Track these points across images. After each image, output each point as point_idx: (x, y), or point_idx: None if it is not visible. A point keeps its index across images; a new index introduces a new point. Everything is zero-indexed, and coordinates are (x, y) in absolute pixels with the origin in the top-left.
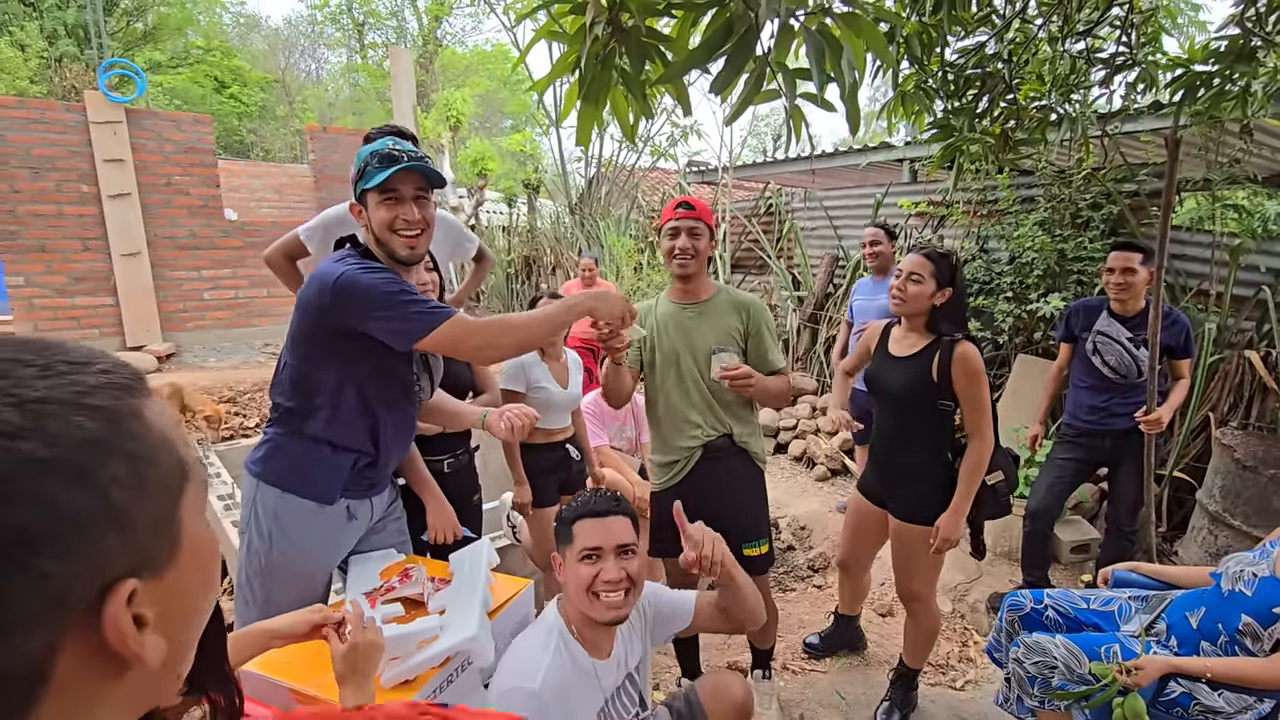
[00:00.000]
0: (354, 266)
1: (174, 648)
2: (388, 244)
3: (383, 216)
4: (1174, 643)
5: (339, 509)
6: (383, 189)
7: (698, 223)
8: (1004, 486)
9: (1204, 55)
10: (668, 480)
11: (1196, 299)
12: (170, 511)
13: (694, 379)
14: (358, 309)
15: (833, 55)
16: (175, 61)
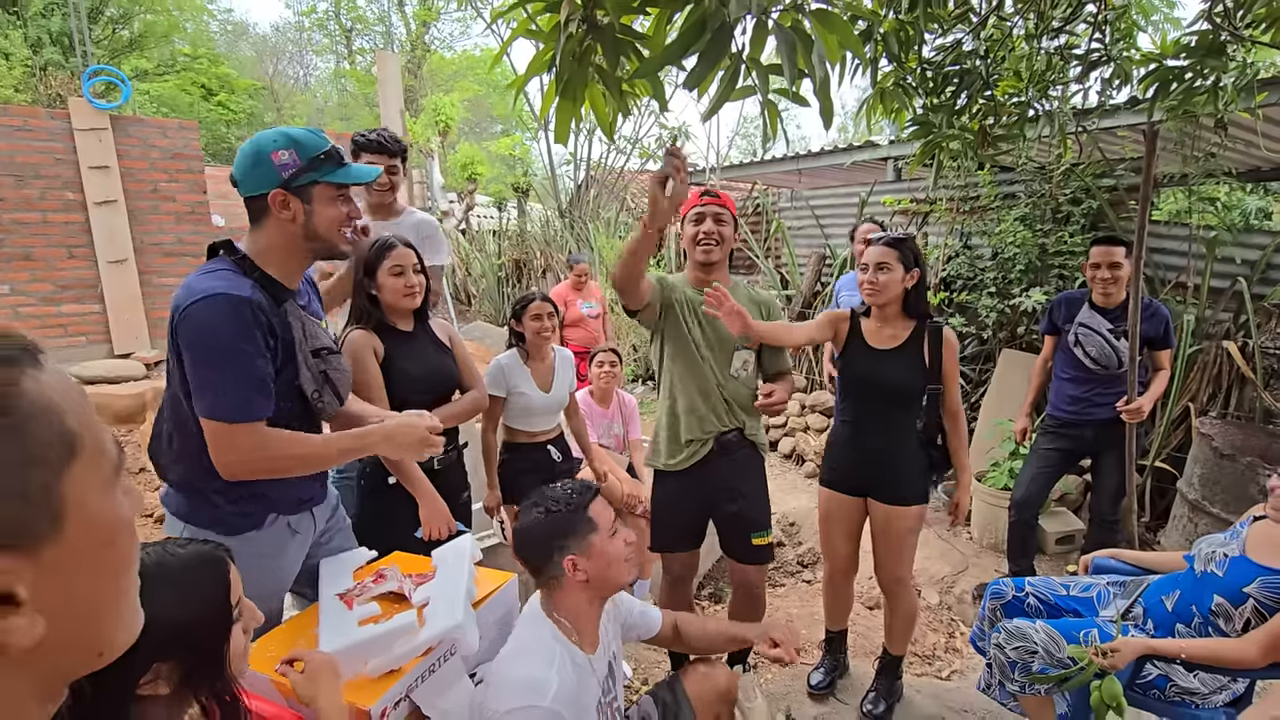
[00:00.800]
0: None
1: (65, 627)
2: (331, 240)
3: (336, 214)
4: (1150, 626)
5: (276, 528)
6: (339, 186)
7: (723, 209)
8: None
9: (1175, 50)
10: (676, 463)
11: (1175, 291)
12: (48, 485)
13: (712, 371)
14: (186, 346)
15: (804, 50)
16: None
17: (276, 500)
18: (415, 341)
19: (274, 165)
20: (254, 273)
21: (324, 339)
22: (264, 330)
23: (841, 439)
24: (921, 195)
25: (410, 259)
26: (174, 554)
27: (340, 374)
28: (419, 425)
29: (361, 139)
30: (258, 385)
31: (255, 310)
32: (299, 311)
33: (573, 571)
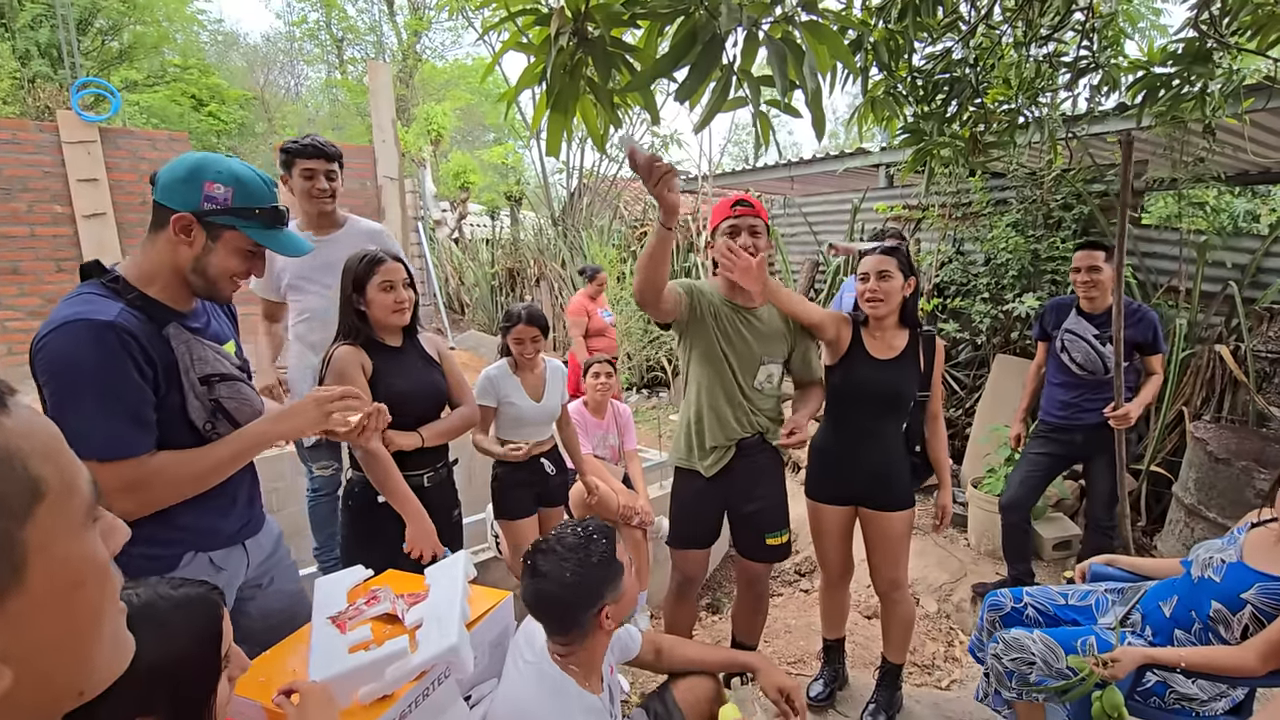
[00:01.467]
0: (74, 323)
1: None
2: (218, 287)
3: (236, 267)
4: (1149, 633)
5: (196, 567)
6: (253, 241)
7: (758, 220)
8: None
9: (1162, 57)
10: (705, 467)
11: (1167, 295)
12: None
13: (739, 380)
14: (44, 381)
15: (795, 62)
16: (152, 80)
17: (193, 535)
18: (404, 357)
19: (202, 192)
20: (129, 294)
21: (217, 364)
22: (136, 357)
23: (830, 448)
24: (914, 202)
25: (400, 274)
26: (164, 596)
27: (241, 403)
28: (310, 396)
29: (295, 146)
30: (132, 417)
31: (121, 335)
32: (185, 335)
33: (605, 621)
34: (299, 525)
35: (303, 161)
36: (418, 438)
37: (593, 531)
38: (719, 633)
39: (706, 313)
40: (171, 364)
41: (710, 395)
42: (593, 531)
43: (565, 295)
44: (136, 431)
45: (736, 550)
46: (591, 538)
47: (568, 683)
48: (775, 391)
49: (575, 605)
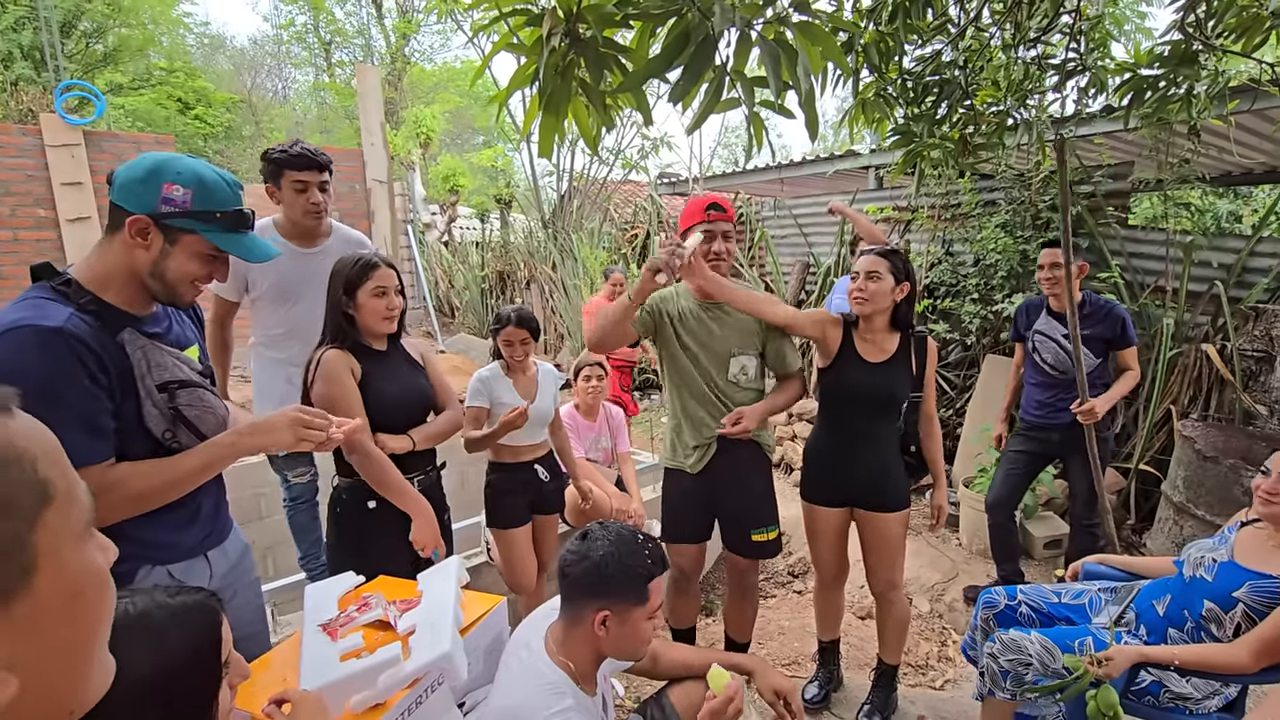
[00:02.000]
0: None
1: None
2: (178, 292)
3: (196, 271)
4: (1143, 631)
5: (155, 578)
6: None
7: (729, 224)
8: None
9: (1149, 60)
10: (689, 465)
11: (1154, 295)
12: (19, 535)
13: (710, 379)
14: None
15: (788, 62)
16: (137, 83)
17: (149, 548)
18: (390, 361)
19: (159, 193)
20: (81, 298)
21: (177, 371)
22: (87, 363)
23: (824, 450)
24: (903, 203)
25: (393, 280)
26: (161, 605)
27: (203, 410)
28: (283, 413)
29: (283, 155)
30: (86, 426)
31: (70, 341)
32: (141, 341)
33: (597, 625)
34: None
35: (293, 173)
36: (408, 440)
37: (649, 548)
38: (713, 635)
39: (667, 321)
40: (127, 370)
41: (685, 395)
42: (649, 548)
43: (556, 298)
44: (91, 440)
45: (725, 546)
46: (643, 549)
47: (561, 679)
48: (753, 384)
49: (585, 585)
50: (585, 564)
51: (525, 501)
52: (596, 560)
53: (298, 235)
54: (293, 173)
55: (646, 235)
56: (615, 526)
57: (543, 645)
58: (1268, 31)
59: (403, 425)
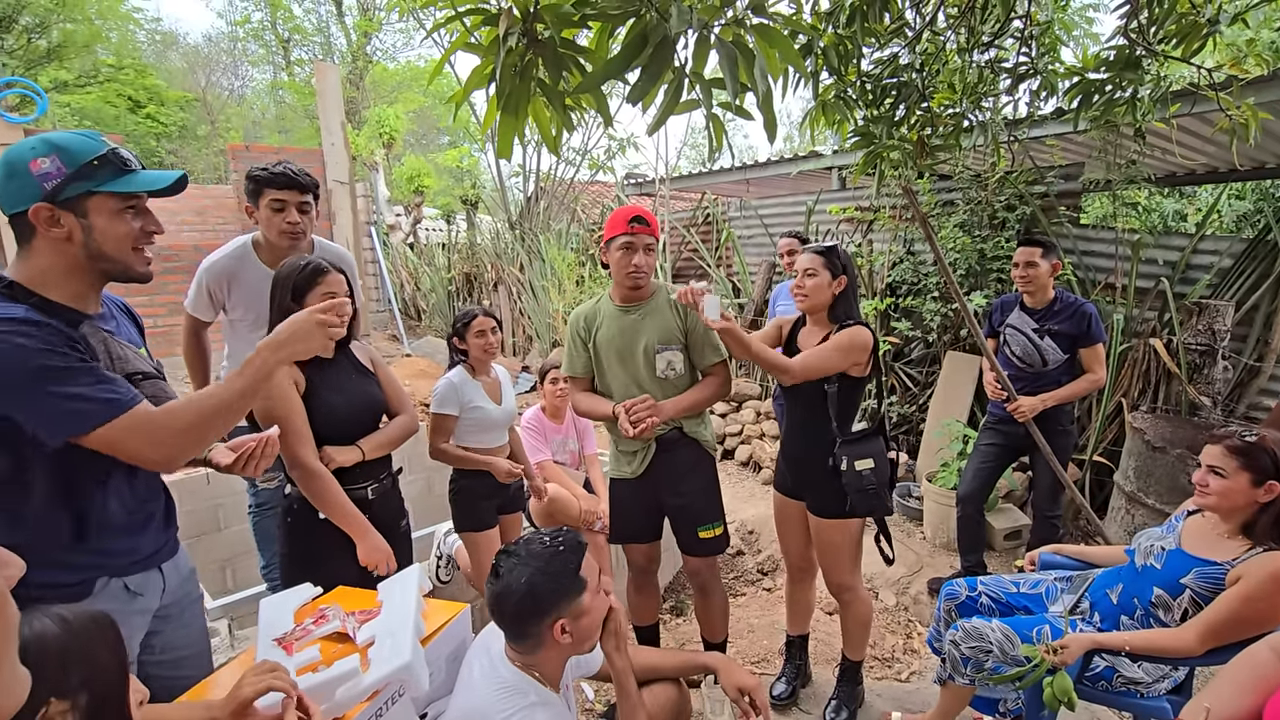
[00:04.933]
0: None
1: None
2: (124, 261)
3: (126, 230)
4: (1097, 619)
5: (109, 593)
6: (126, 196)
7: (651, 238)
8: (872, 476)
9: (1096, 64)
10: (634, 470)
11: (1104, 292)
12: None
13: (639, 379)
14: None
15: (746, 65)
16: (84, 80)
17: (107, 556)
18: (337, 369)
19: (33, 176)
20: (29, 299)
21: (137, 363)
22: (68, 341)
23: (783, 443)
24: (866, 203)
25: (343, 287)
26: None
27: (164, 400)
28: (305, 316)
29: (263, 174)
30: (103, 381)
31: (41, 325)
32: (101, 334)
33: (559, 636)
34: (249, 543)
35: (272, 191)
36: (357, 452)
37: (561, 544)
38: (683, 635)
39: (591, 341)
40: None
41: (614, 399)
42: (561, 544)
43: (524, 300)
44: (117, 388)
45: (678, 545)
46: (558, 550)
47: (526, 682)
48: (684, 378)
49: (529, 614)
50: (515, 596)
51: (492, 504)
52: (523, 588)
53: (275, 258)
54: (272, 191)
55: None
56: (520, 546)
57: (503, 651)
58: (1205, 37)
59: (352, 436)
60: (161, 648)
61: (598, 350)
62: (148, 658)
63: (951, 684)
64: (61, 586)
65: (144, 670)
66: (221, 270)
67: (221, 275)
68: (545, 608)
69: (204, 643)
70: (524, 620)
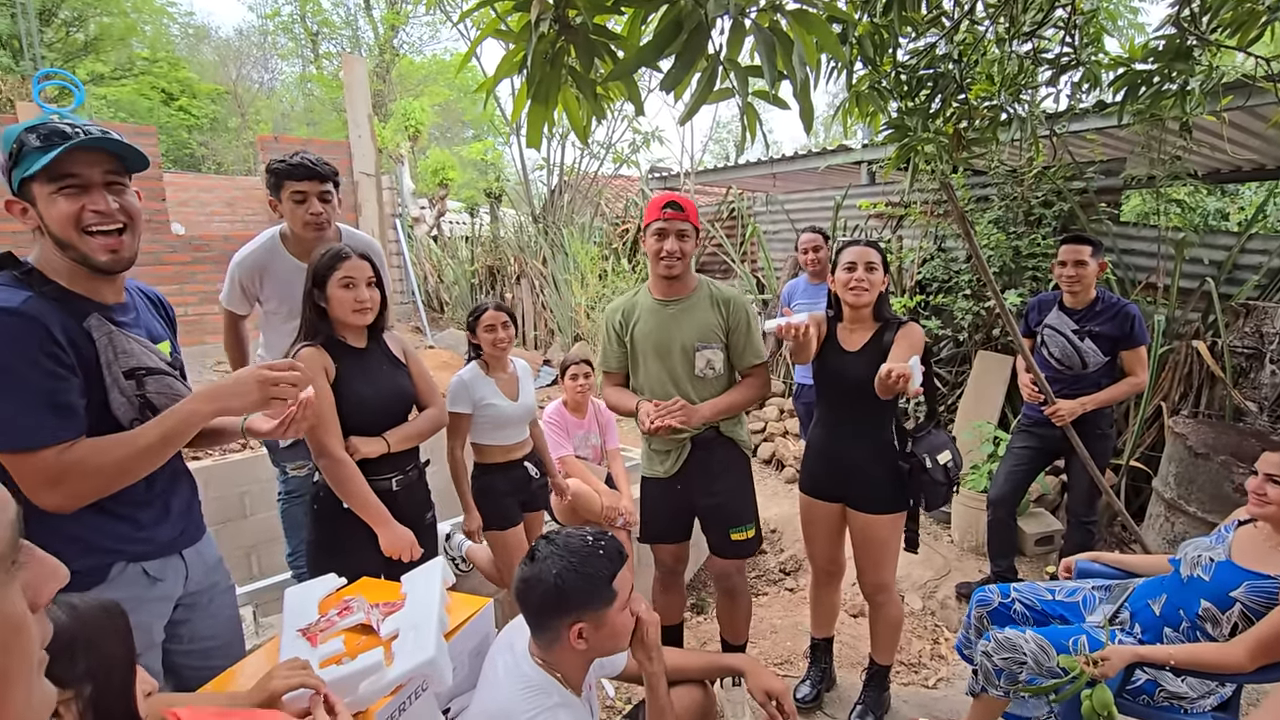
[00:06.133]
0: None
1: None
2: (78, 248)
3: (63, 211)
4: (1138, 630)
5: (128, 578)
6: (55, 174)
7: (686, 224)
8: (954, 466)
9: (1143, 54)
10: (666, 469)
11: (1145, 292)
12: None
13: (676, 376)
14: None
15: (784, 51)
16: (119, 73)
17: (121, 541)
18: (368, 359)
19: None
20: (44, 286)
21: (144, 358)
22: (46, 344)
23: (816, 441)
24: (895, 198)
25: (364, 272)
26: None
27: (171, 398)
28: (249, 372)
29: (282, 165)
30: (47, 404)
31: (24, 320)
32: (108, 328)
33: (575, 639)
34: (274, 531)
35: (292, 183)
36: (383, 443)
37: (602, 547)
38: (704, 633)
39: (627, 335)
40: (92, 358)
41: (652, 397)
42: (602, 547)
43: (547, 293)
44: (54, 418)
45: (709, 547)
46: (597, 552)
47: (549, 682)
48: (722, 377)
49: (551, 608)
50: (542, 586)
51: (516, 501)
52: (552, 579)
53: (303, 250)
54: (292, 183)
55: (638, 230)
56: (561, 537)
57: (527, 649)
58: (1264, 26)
59: (381, 427)
60: (189, 637)
61: (634, 345)
62: (174, 646)
63: (984, 696)
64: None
65: (172, 659)
66: (252, 264)
67: (253, 269)
68: (568, 606)
69: (235, 633)
70: (545, 613)
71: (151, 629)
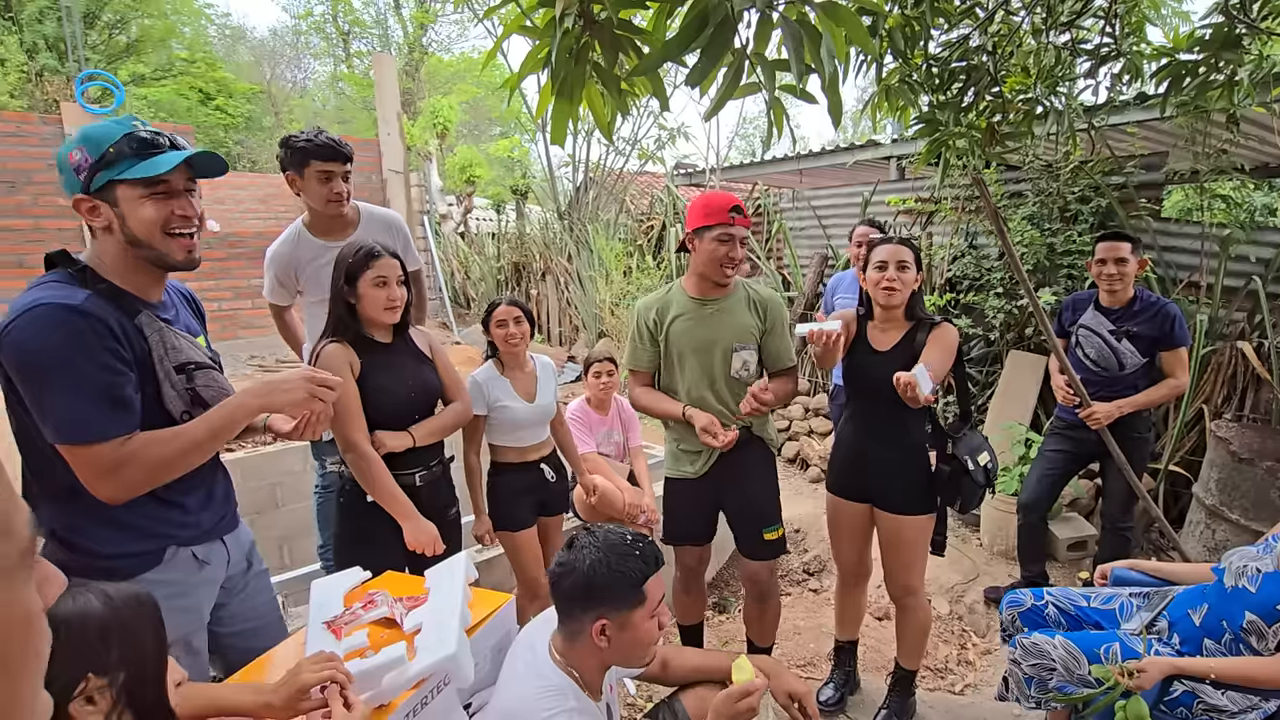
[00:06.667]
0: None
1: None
2: (157, 248)
3: (151, 215)
4: (1176, 641)
5: (179, 561)
6: (149, 180)
7: (746, 231)
8: (992, 467)
9: (1189, 44)
10: (696, 470)
11: (1187, 291)
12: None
13: (711, 375)
14: (15, 370)
15: (812, 45)
16: (159, 73)
17: (174, 527)
18: (394, 354)
19: (71, 169)
20: (98, 284)
21: (191, 353)
22: (106, 340)
23: (845, 440)
24: (926, 194)
25: (395, 271)
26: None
27: (217, 392)
28: (299, 376)
29: (309, 144)
30: (107, 399)
31: (87, 318)
32: (158, 324)
33: (597, 636)
34: (305, 522)
35: (319, 163)
36: (408, 438)
37: (640, 547)
38: (726, 633)
39: (661, 333)
40: (145, 353)
41: (686, 396)
42: (640, 547)
43: (571, 290)
44: (112, 413)
45: (737, 548)
46: (633, 551)
47: (567, 684)
48: (755, 379)
49: (579, 599)
50: (574, 575)
51: (532, 502)
52: (585, 570)
53: (326, 230)
54: (319, 163)
55: (663, 227)
56: (602, 531)
57: (547, 649)
58: None
59: (406, 422)
60: (229, 619)
61: (669, 343)
62: (217, 629)
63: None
64: (133, 555)
65: (217, 642)
66: (283, 258)
67: (286, 263)
68: (595, 600)
69: (274, 615)
70: (573, 602)
71: (201, 610)
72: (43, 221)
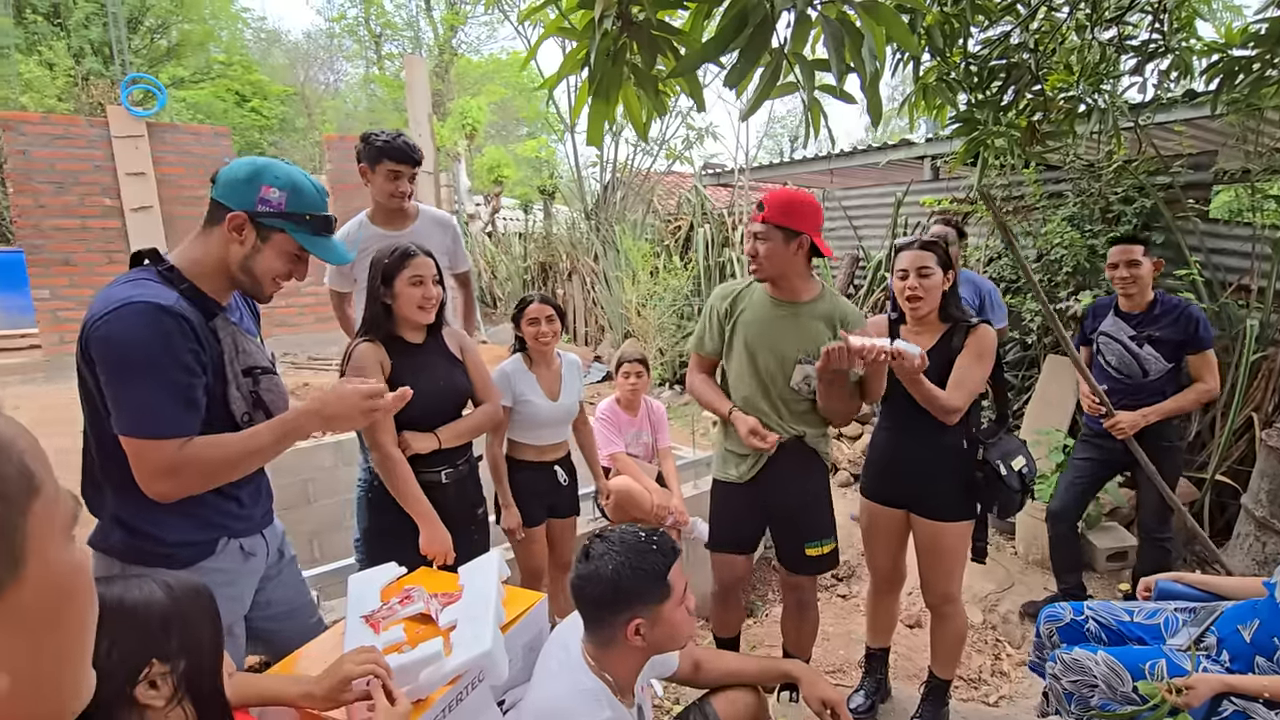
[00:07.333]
0: (134, 304)
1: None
2: (258, 289)
3: (279, 269)
4: (1226, 658)
5: (229, 553)
6: (291, 245)
7: (761, 224)
8: (1029, 472)
9: (1243, 39)
10: (741, 474)
11: (1237, 294)
12: (11, 522)
13: (772, 379)
14: (101, 360)
15: (852, 44)
16: (198, 76)
17: (230, 519)
18: (424, 355)
19: (259, 194)
20: (182, 284)
21: (257, 357)
22: (190, 342)
23: (880, 445)
24: (961, 195)
25: (431, 270)
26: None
27: (275, 395)
28: (353, 392)
29: (387, 145)
30: (182, 399)
31: (178, 319)
32: (230, 328)
33: (632, 636)
34: (335, 518)
35: (390, 162)
36: (434, 440)
37: (655, 543)
38: (753, 637)
39: (731, 327)
40: (218, 354)
41: (742, 401)
42: (655, 543)
43: (598, 290)
44: (186, 413)
45: (779, 559)
46: (650, 546)
47: (600, 688)
48: (811, 397)
49: (608, 604)
50: (600, 582)
51: (542, 503)
52: (609, 575)
53: (387, 220)
54: (390, 162)
55: (690, 227)
56: (616, 534)
57: (580, 651)
58: None
59: (434, 422)
60: (265, 603)
61: (734, 331)
62: (254, 614)
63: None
64: (193, 544)
65: (255, 625)
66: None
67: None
68: (625, 602)
69: (305, 598)
70: (603, 609)
71: (244, 599)
72: (89, 221)
